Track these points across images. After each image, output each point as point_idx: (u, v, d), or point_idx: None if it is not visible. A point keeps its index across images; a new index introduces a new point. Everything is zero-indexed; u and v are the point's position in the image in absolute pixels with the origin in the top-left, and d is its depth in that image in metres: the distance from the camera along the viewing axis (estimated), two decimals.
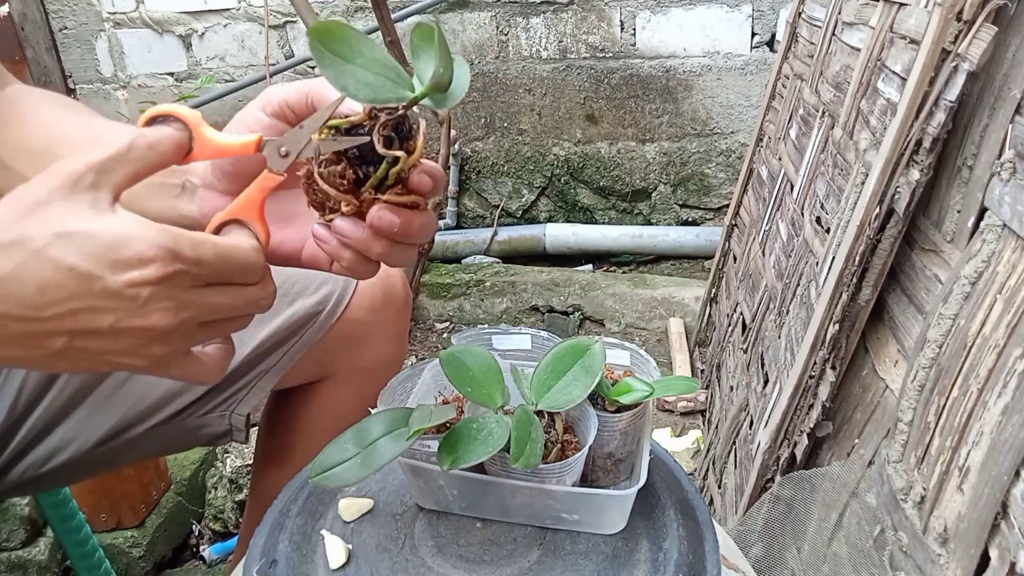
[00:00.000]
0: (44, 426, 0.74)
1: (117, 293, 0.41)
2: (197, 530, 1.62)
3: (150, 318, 0.43)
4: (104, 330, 0.42)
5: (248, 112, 0.53)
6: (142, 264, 0.41)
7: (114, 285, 0.41)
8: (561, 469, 0.56)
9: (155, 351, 0.44)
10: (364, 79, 0.45)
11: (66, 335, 0.42)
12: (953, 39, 0.81)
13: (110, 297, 0.42)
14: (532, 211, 2.91)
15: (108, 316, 0.42)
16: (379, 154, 0.46)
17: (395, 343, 0.90)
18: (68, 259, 0.41)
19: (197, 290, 0.44)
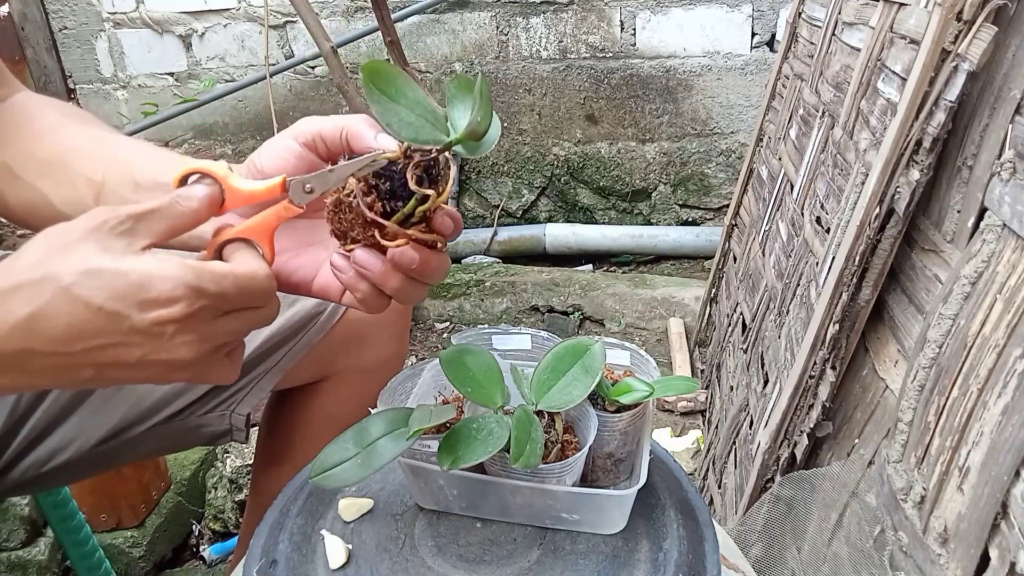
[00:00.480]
0: (45, 426, 0.74)
1: (144, 331, 0.43)
2: (197, 530, 1.62)
3: (176, 352, 0.45)
4: (132, 363, 0.44)
5: (280, 141, 0.54)
6: (168, 303, 0.43)
7: (141, 324, 0.43)
8: (561, 469, 0.56)
9: (179, 376, 0.47)
10: (407, 119, 0.48)
11: (94, 367, 0.44)
12: (953, 39, 0.81)
13: (137, 334, 0.43)
14: (532, 211, 2.91)
15: (136, 351, 0.44)
16: (409, 191, 0.48)
17: (395, 343, 0.90)
18: (96, 299, 0.42)
19: (217, 321, 0.46)
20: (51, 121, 0.63)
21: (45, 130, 0.62)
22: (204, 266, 0.45)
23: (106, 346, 0.43)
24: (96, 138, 0.61)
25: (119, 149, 0.60)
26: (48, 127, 0.62)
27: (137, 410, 0.76)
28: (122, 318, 0.43)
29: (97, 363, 0.44)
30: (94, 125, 0.64)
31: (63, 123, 0.63)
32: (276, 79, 2.71)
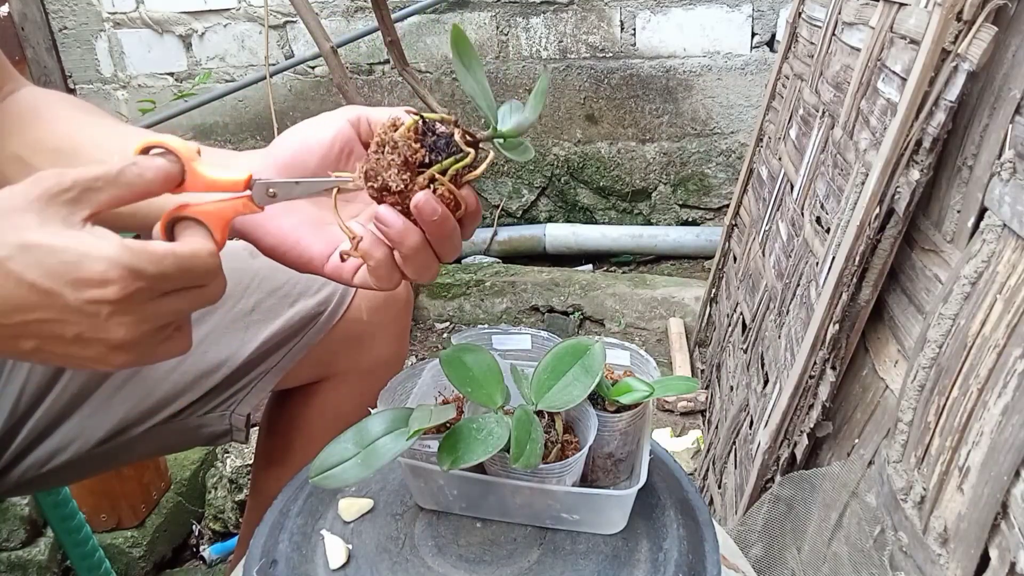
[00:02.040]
0: (46, 426, 0.74)
1: (79, 310, 0.42)
2: (197, 530, 1.62)
3: (113, 332, 0.44)
4: (70, 339, 0.43)
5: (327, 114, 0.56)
6: (102, 284, 0.42)
7: (75, 303, 0.42)
8: (561, 469, 0.56)
9: (121, 358, 0.45)
10: (472, 88, 0.53)
11: (34, 339, 0.43)
12: (953, 39, 0.81)
13: (72, 312, 0.43)
14: (532, 211, 2.91)
15: (72, 328, 0.43)
16: (450, 152, 0.51)
17: (396, 343, 0.90)
18: (28, 275, 0.41)
19: (156, 301, 0.45)
20: (59, 112, 0.63)
21: (54, 120, 0.62)
22: (143, 246, 0.44)
23: (43, 321, 0.43)
24: (106, 126, 0.62)
25: (129, 138, 0.60)
26: (57, 117, 0.62)
27: (137, 410, 0.76)
28: (55, 295, 0.42)
29: (37, 335, 0.43)
30: (102, 115, 0.64)
31: (72, 114, 0.63)
32: (276, 79, 2.71)
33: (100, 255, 0.42)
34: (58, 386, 0.73)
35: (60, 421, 0.74)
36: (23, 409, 0.73)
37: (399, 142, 0.50)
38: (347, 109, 0.56)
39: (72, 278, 0.42)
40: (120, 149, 0.59)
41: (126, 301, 0.43)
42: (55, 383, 0.73)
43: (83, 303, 0.42)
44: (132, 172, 0.45)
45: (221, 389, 0.79)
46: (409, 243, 0.51)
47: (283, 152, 0.54)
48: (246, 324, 0.79)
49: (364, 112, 0.55)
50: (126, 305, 0.43)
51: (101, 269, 0.42)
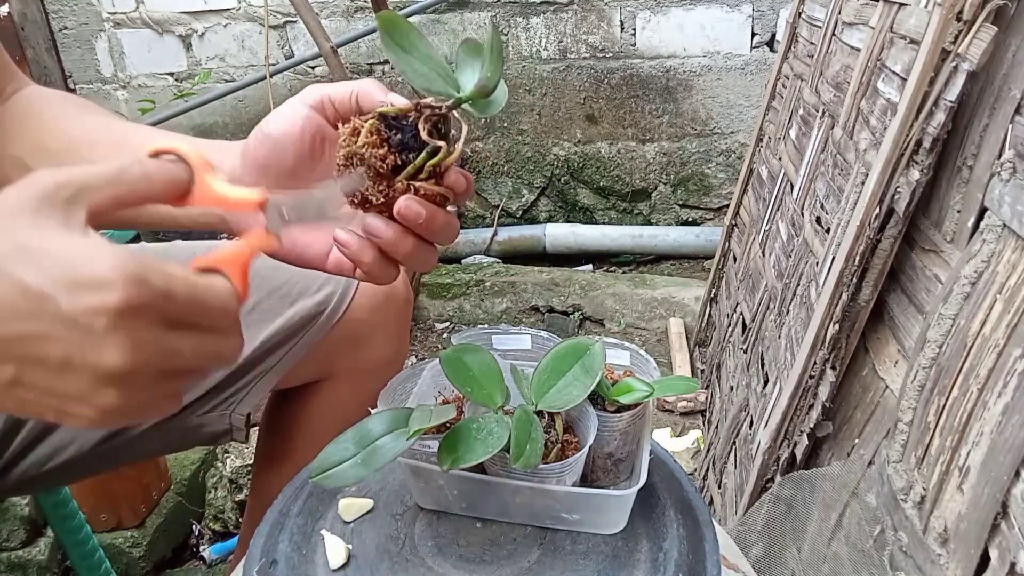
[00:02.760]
0: (45, 426, 0.74)
1: (71, 320, 0.37)
2: (197, 530, 1.62)
3: (103, 354, 0.38)
4: (53, 363, 0.38)
5: (287, 105, 0.53)
6: (102, 288, 0.37)
7: (68, 310, 0.37)
8: (561, 469, 0.56)
9: (104, 399, 0.39)
10: (420, 70, 0.48)
11: (14, 362, 0.38)
12: (953, 39, 0.81)
13: (62, 324, 0.37)
14: (532, 211, 2.91)
15: (58, 346, 0.37)
16: (420, 143, 0.47)
17: (396, 343, 0.90)
18: (22, 276, 0.37)
19: (160, 330, 0.39)
20: (60, 112, 0.63)
21: (55, 121, 0.62)
22: (152, 259, 0.39)
23: (26, 337, 0.37)
24: (105, 126, 0.61)
25: (129, 135, 0.60)
26: (57, 118, 0.62)
27: None
28: (47, 300, 0.37)
29: (18, 357, 0.38)
30: (102, 114, 0.64)
31: (72, 113, 0.63)
32: (276, 79, 2.71)
33: (102, 258, 0.38)
34: None
35: None
36: None
37: (365, 154, 0.47)
38: (306, 95, 0.53)
39: (69, 280, 0.37)
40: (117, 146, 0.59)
41: (126, 315, 0.38)
42: None
43: (78, 312, 0.37)
44: (135, 172, 0.42)
45: (221, 389, 0.79)
46: (403, 248, 0.50)
47: (256, 156, 0.53)
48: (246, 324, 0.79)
49: (324, 94, 0.53)
50: (125, 321, 0.38)
51: (102, 272, 0.37)
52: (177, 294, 0.40)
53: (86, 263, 0.38)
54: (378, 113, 0.48)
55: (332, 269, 0.55)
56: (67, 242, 0.38)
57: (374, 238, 0.49)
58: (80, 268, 0.38)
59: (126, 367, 0.38)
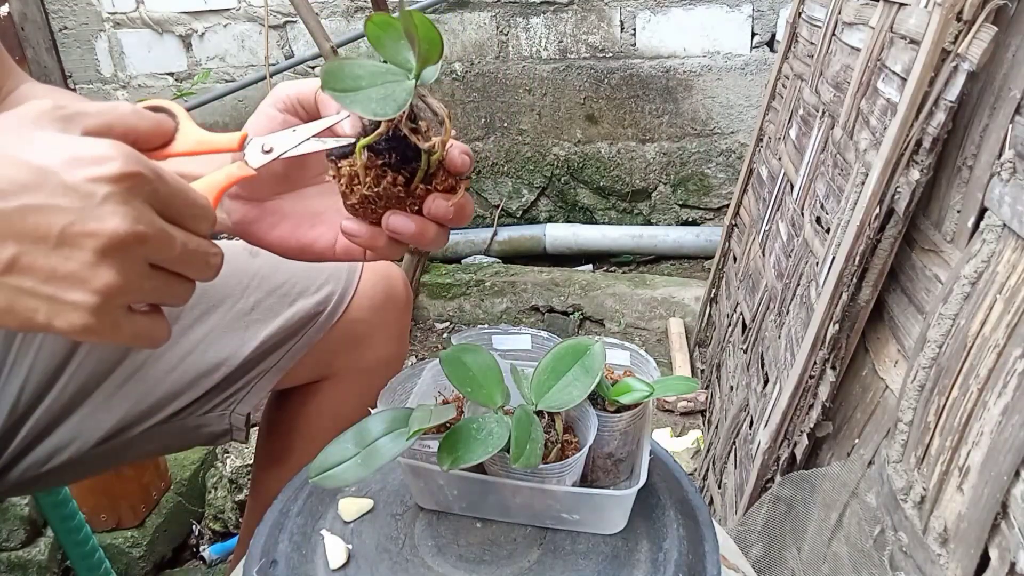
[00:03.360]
0: (45, 426, 0.74)
1: (72, 188, 0.39)
2: (197, 530, 1.62)
3: (105, 221, 0.39)
4: (54, 237, 0.39)
5: (262, 110, 0.54)
6: (102, 162, 0.39)
7: (70, 180, 0.39)
8: (561, 469, 0.56)
9: (102, 277, 0.40)
10: (377, 96, 0.47)
11: (14, 240, 0.38)
12: (953, 39, 0.81)
13: (64, 193, 0.39)
14: (532, 211, 2.91)
15: (60, 216, 0.38)
16: (416, 149, 0.48)
17: (396, 343, 0.90)
18: (23, 154, 0.39)
19: (154, 211, 0.42)
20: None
21: None
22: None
23: (28, 209, 0.38)
24: None
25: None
26: None
27: (137, 410, 0.76)
28: (51, 173, 0.39)
29: (18, 232, 0.38)
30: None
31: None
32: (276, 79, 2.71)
33: (101, 141, 0.40)
34: (58, 385, 0.73)
35: (60, 420, 0.74)
36: (23, 408, 0.73)
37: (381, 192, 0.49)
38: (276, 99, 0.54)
39: (70, 156, 0.39)
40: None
41: (125, 183, 0.40)
42: (55, 382, 0.73)
43: (79, 180, 0.39)
44: (126, 107, 0.46)
45: (221, 389, 0.79)
46: (427, 236, 0.51)
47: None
48: (246, 324, 0.79)
49: (293, 95, 0.53)
50: (124, 190, 0.40)
51: (102, 149, 0.40)
52: (167, 178, 0.42)
53: (86, 144, 0.40)
54: (362, 147, 0.48)
55: (342, 256, 0.56)
56: (67, 136, 0.41)
57: (401, 235, 0.51)
58: (80, 147, 0.40)
59: (126, 235, 0.39)
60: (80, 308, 0.40)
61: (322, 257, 0.56)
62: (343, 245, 0.55)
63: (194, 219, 0.44)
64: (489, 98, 2.74)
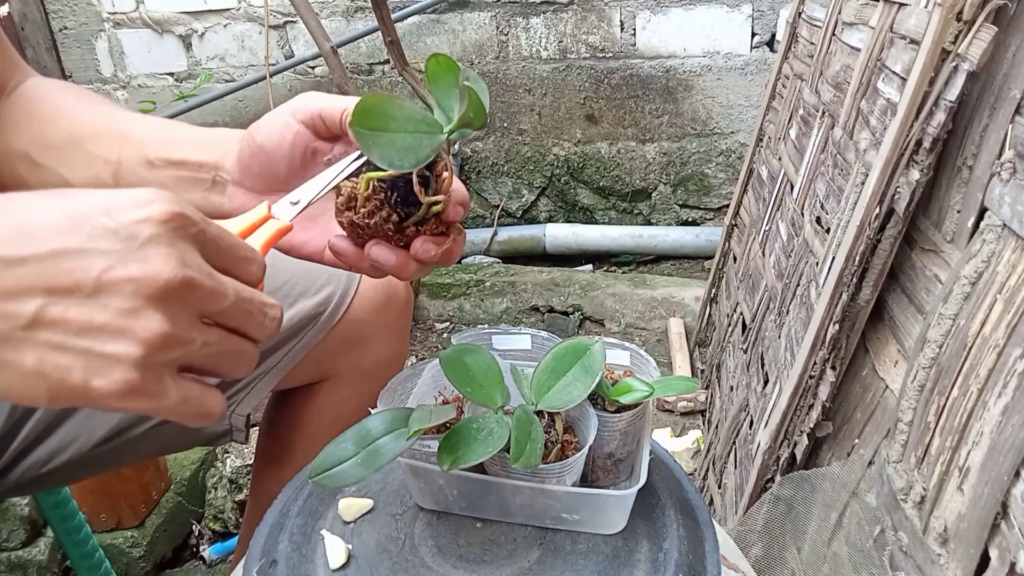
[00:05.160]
0: (45, 427, 0.74)
1: (112, 231, 0.35)
2: (197, 530, 1.62)
3: (149, 264, 0.35)
4: (90, 284, 0.34)
5: (279, 117, 0.54)
6: (144, 204, 0.36)
7: (110, 222, 0.35)
8: (561, 469, 0.56)
9: (148, 324, 0.35)
10: (404, 144, 0.47)
11: (41, 295, 0.34)
12: (953, 39, 0.81)
13: (103, 236, 0.35)
14: (532, 211, 2.91)
15: (98, 260, 0.34)
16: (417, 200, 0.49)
17: (396, 343, 0.90)
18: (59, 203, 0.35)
19: (201, 258, 0.38)
20: (64, 104, 0.63)
21: (59, 114, 0.62)
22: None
23: (61, 254, 0.34)
24: (109, 117, 0.62)
25: (132, 127, 0.61)
26: (61, 111, 0.63)
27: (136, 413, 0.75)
28: (87, 217, 0.35)
29: (48, 282, 0.34)
30: (106, 104, 0.64)
31: (76, 106, 0.63)
32: (276, 79, 2.71)
33: (141, 189, 0.37)
34: None
35: (60, 421, 0.74)
36: (23, 409, 0.73)
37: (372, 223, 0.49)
38: (298, 109, 0.54)
39: (109, 203, 0.35)
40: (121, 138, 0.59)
41: (170, 223, 0.36)
42: None
43: (119, 224, 0.35)
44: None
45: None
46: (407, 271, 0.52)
47: (250, 166, 0.55)
48: None
49: (317, 109, 0.53)
50: (169, 231, 0.36)
51: (144, 194, 0.36)
52: (212, 230, 0.39)
53: (126, 191, 0.37)
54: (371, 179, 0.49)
55: (329, 263, 0.56)
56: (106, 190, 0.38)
57: (381, 266, 0.51)
58: (120, 193, 0.36)
59: (171, 278, 0.35)
60: (122, 362, 0.35)
61: (310, 259, 0.57)
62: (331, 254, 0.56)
63: (245, 262, 0.41)
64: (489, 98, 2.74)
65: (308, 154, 0.55)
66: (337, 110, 0.53)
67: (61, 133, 0.61)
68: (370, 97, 0.46)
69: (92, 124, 0.61)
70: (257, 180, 0.56)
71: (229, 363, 0.40)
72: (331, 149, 0.56)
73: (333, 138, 0.56)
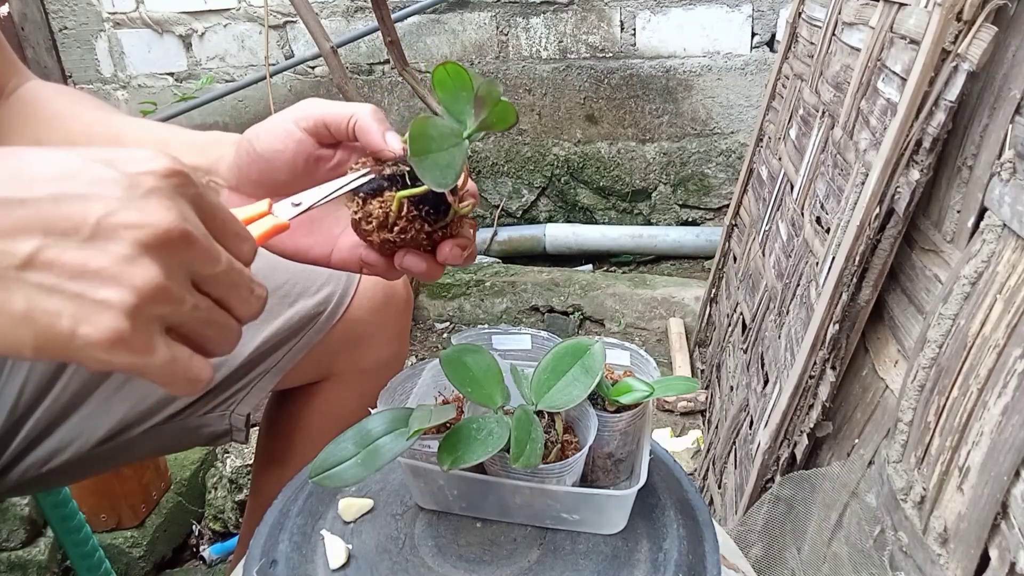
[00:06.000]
0: (45, 426, 0.74)
1: (114, 180, 0.35)
2: (197, 530, 1.62)
3: (149, 213, 0.35)
4: (88, 228, 0.34)
5: (280, 124, 0.54)
6: (147, 160, 0.36)
7: (112, 172, 0.35)
8: (561, 469, 0.56)
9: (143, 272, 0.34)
10: (444, 161, 0.48)
11: (39, 236, 0.33)
12: (953, 39, 0.81)
13: (105, 183, 0.35)
14: (532, 211, 2.91)
15: (98, 205, 0.34)
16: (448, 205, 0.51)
17: (396, 343, 0.90)
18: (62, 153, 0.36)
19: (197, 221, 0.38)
20: (61, 108, 0.64)
21: (55, 117, 0.63)
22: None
23: (62, 197, 0.34)
24: (105, 121, 0.62)
25: (126, 130, 0.61)
26: (58, 114, 0.63)
27: (137, 410, 0.76)
28: (91, 164, 0.35)
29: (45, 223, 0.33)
30: (100, 107, 0.65)
31: (73, 109, 0.64)
32: (276, 79, 2.71)
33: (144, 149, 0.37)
34: (58, 385, 0.73)
35: (60, 421, 0.74)
36: (23, 409, 0.73)
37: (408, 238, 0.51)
38: (301, 115, 0.54)
39: (111, 155, 0.36)
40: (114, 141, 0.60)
41: (172, 178, 0.36)
42: (55, 382, 0.73)
43: (121, 173, 0.35)
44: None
45: (221, 389, 0.79)
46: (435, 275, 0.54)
47: (249, 173, 0.55)
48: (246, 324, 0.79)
49: (320, 117, 0.53)
50: (171, 185, 0.36)
51: (147, 151, 0.37)
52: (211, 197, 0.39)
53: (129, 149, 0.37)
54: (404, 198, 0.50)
55: (336, 266, 0.57)
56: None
57: (412, 274, 0.53)
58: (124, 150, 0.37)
59: (170, 228, 0.35)
60: (112, 308, 0.34)
61: (314, 263, 0.57)
62: (339, 258, 0.56)
63: (238, 238, 0.41)
64: None
65: (311, 162, 0.55)
66: (342, 117, 0.53)
67: (57, 136, 0.61)
68: (416, 123, 0.47)
69: (88, 127, 0.61)
70: (256, 187, 0.55)
71: (215, 335, 0.40)
72: (333, 155, 0.56)
73: (335, 144, 0.55)
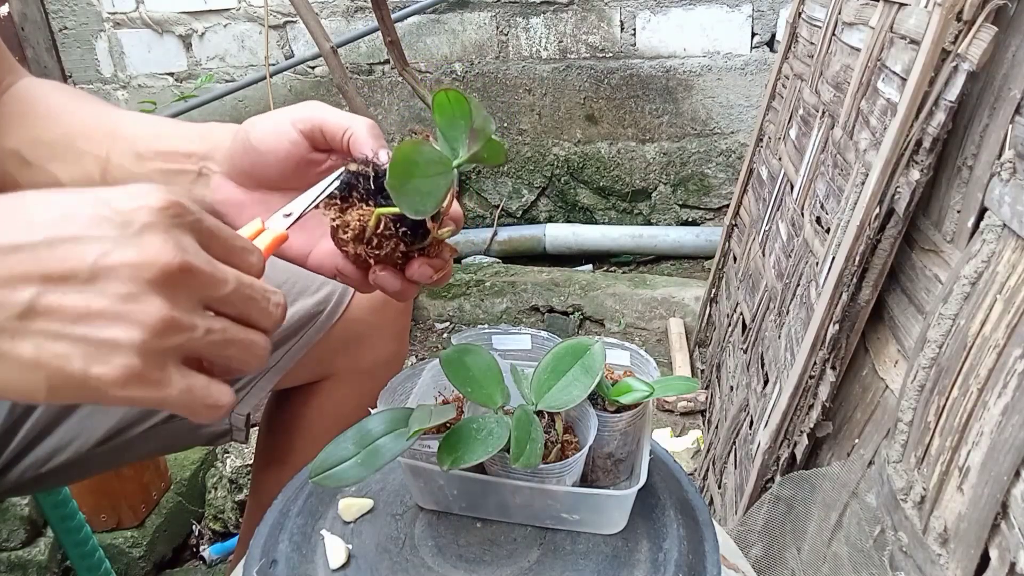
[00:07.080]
0: (44, 426, 0.74)
1: (107, 219, 0.34)
2: (197, 530, 1.62)
3: (146, 247, 0.34)
4: (85, 271, 0.33)
5: (277, 124, 0.55)
6: (139, 195, 0.36)
7: (105, 211, 0.34)
8: (561, 469, 0.56)
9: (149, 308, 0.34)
10: (425, 188, 0.48)
11: (36, 283, 0.33)
12: (953, 39, 0.81)
13: (98, 224, 0.34)
14: (532, 211, 2.91)
15: (94, 247, 0.33)
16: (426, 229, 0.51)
17: (396, 343, 0.90)
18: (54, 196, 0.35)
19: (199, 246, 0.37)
20: (55, 104, 0.64)
21: (50, 113, 0.63)
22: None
23: (56, 242, 0.33)
24: (98, 115, 0.62)
25: (120, 123, 0.61)
26: (52, 110, 0.63)
27: (137, 410, 0.76)
28: (84, 205, 0.35)
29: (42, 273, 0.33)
30: (96, 103, 0.65)
31: (66, 104, 0.64)
32: (276, 79, 2.71)
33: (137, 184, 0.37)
34: None
35: (59, 420, 0.74)
36: (22, 408, 0.73)
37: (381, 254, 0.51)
38: (299, 117, 0.54)
39: (105, 195, 0.35)
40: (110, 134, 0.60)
41: (166, 211, 0.35)
42: None
43: (114, 211, 0.34)
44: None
45: None
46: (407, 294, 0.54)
47: (242, 164, 0.56)
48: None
49: (319, 122, 0.54)
50: (166, 219, 0.35)
51: (140, 188, 0.36)
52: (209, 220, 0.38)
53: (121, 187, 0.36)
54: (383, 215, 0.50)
55: (312, 268, 0.57)
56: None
57: (384, 291, 0.53)
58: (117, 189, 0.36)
59: (169, 263, 0.34)
60: (122, 347, 0.34)
61: (292, 261, 0.57)
62: (316, 260, 0.57)
63: (244, 252, 0.40)
64: (489, 98, 2.75)
65: (302, 164, 0.56)
66: (339, 127, 0.53)
67: (53, 132, 0.61)
68: (400, 148, 0.46)
69: (83, 122, 0.61)
70: (247, 178, 0.56)
71: (238, 354, 0.40)
72: (325, 160, 0.56)
73: (328, 150, 0.56)
